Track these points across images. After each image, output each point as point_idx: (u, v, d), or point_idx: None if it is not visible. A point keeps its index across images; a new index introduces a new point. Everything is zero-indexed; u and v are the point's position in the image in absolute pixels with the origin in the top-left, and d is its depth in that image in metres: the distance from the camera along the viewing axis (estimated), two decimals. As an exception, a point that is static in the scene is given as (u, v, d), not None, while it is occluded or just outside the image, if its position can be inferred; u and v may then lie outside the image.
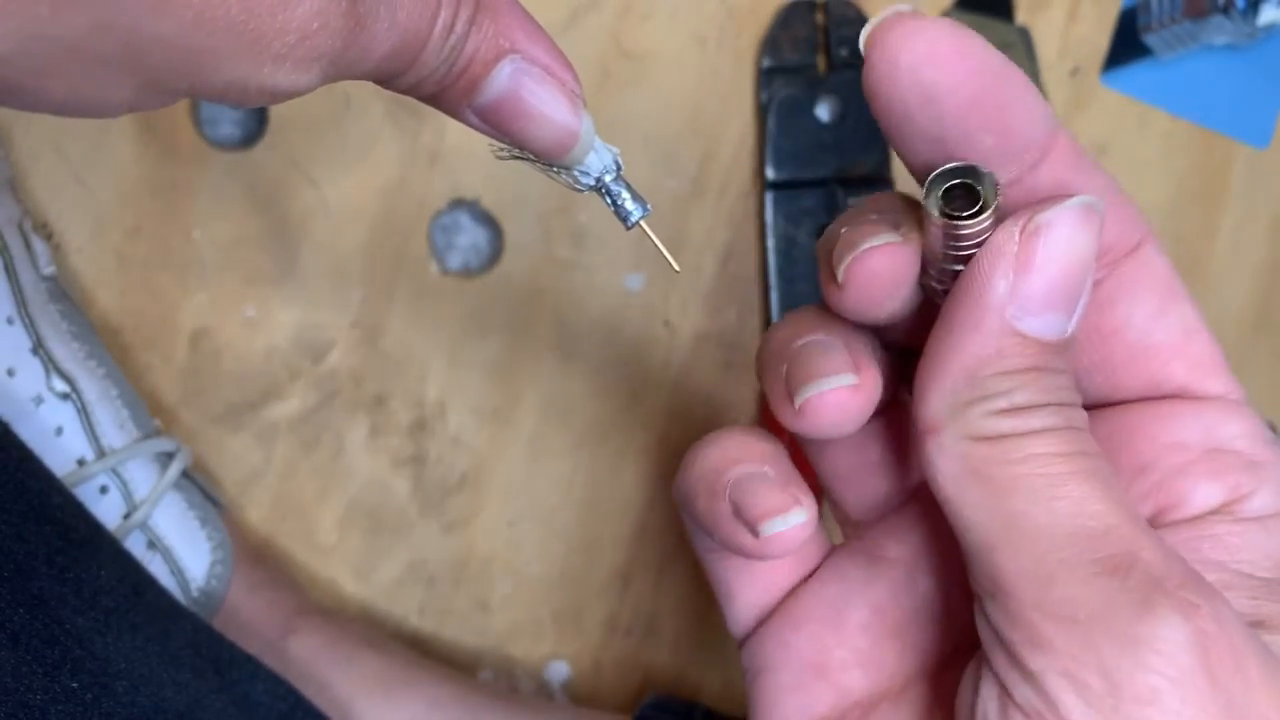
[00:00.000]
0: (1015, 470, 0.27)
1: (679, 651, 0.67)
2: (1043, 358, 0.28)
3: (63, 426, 0.56)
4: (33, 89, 0.24)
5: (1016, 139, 0.28)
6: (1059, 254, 0.27)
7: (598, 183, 0.33)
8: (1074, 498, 0.27)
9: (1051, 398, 0.28)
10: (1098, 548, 0.26)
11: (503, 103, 0.30)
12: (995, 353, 0.27)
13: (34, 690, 0.42)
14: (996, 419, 0.28)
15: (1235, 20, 0.63)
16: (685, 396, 0.66)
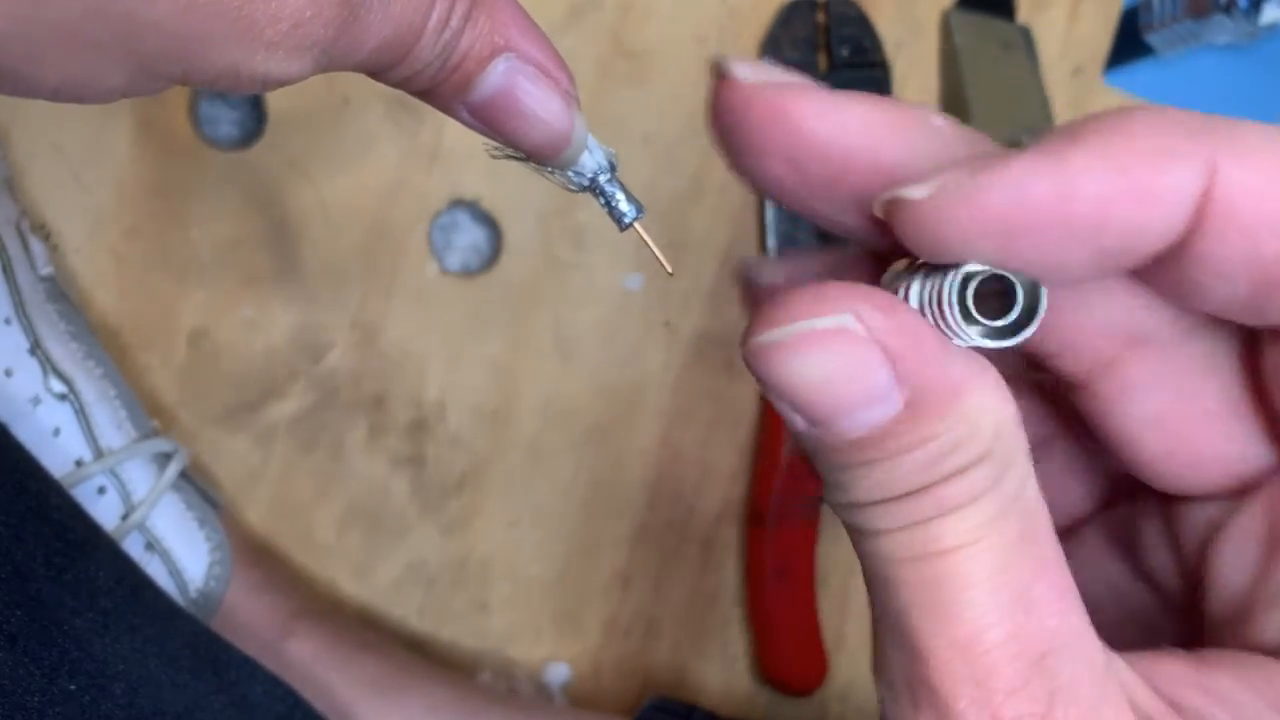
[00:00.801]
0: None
1: (679, 653, 0.67)
2: (850, 456, 0.23)
3: (60, 427, 0.56)
4: (26, 74, 0.24)
5: None
6: (783, 390, 0.23)
7: (591, 183, 0.32)
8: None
9: (889, 488, 0.23)
10: None
11: (496, 101, 0.30)
12: (821, 462, 0.24)
13: (32, 692, 0.42)
14: (858, 519, 0.24)
15: (1237, 19, 0.62)
16: (685, 396, 0.66)
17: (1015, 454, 0.23)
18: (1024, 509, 0.23)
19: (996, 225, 0.22)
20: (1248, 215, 0.21)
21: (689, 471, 0.67)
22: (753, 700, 0.68)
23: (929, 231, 0.22)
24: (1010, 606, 0.22)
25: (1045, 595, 0.22)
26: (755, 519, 0.65)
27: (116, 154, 0.63)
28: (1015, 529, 0.22)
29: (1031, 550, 0.23)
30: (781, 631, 0.65)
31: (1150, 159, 0.21)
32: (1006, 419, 0.23)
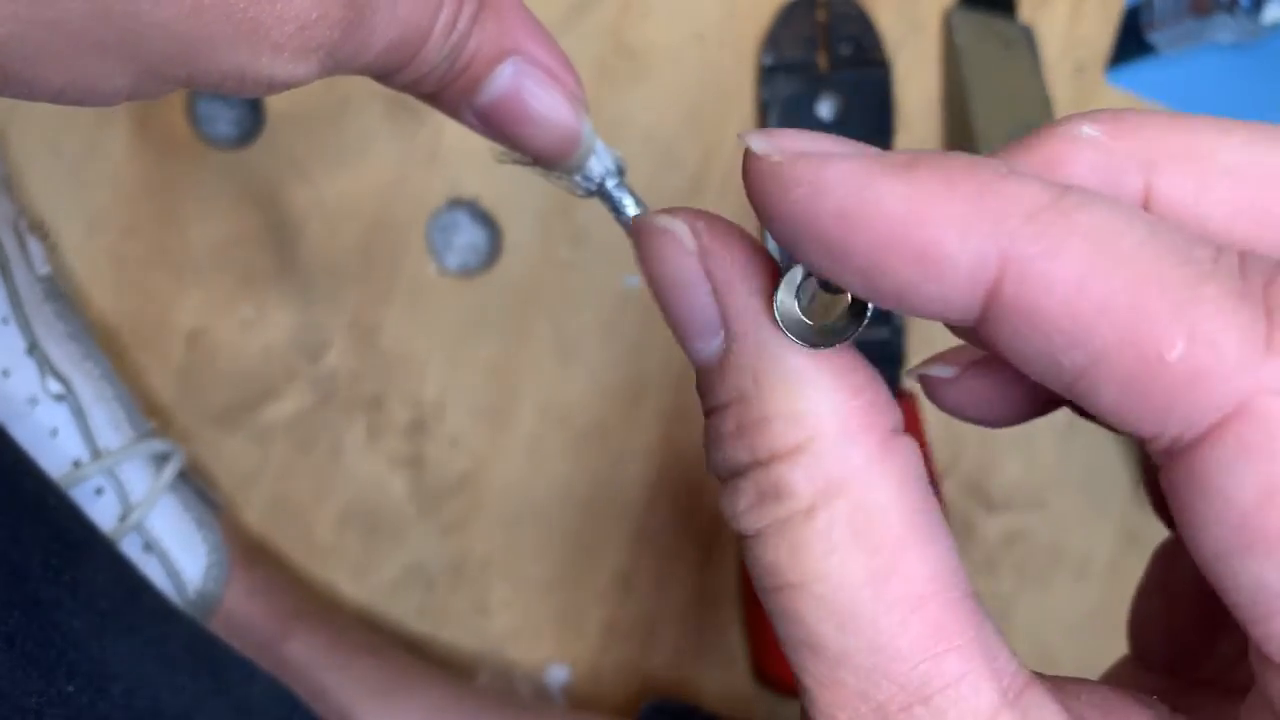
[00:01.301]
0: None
1: (679, 655, 0.67)
2: (703, 393, 0.24)
3: (58, 428, 0.56)
4: (29, 76, 0.24)
5: None
6: (647, 277, 0.24)
7: (599, 188, 0.32)
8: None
9: (727, 462, 0.24)
10: None
11: (503, 104, 0.30)
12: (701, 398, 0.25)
13: (29, 693, 0.42)
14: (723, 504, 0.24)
15: (1239, 18, 0.62)
16: (685, 397, 0.66)
17: (859, 462, 0.22)
18: (876, 533, 0.22)
19: (795, 214, 0.21)
20: (1038, 314, 0.20)
21: (689, 472, 0.66)
22: (752, 702, 0.67)
23: (757, 195, 0.22)
24: (867, 651, 0.22)
25: (909, 639, 0.22)
26: (756, 520, 0.65)
27: (114, 153, 0.63)
28: (862, 560, 0.22)
29: (890, 585, 0.22)
30: (782, 633, 0.65)
31: (941, 226, 0.20)
32: (848, 407, 0.22)
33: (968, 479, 0.68)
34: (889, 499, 0.22)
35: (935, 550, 0.22)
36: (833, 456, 0.22)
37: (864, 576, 0.22)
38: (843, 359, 0.23)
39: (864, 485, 0.22)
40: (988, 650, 0.22)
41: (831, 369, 0.23)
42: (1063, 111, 0.67)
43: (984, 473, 0.68)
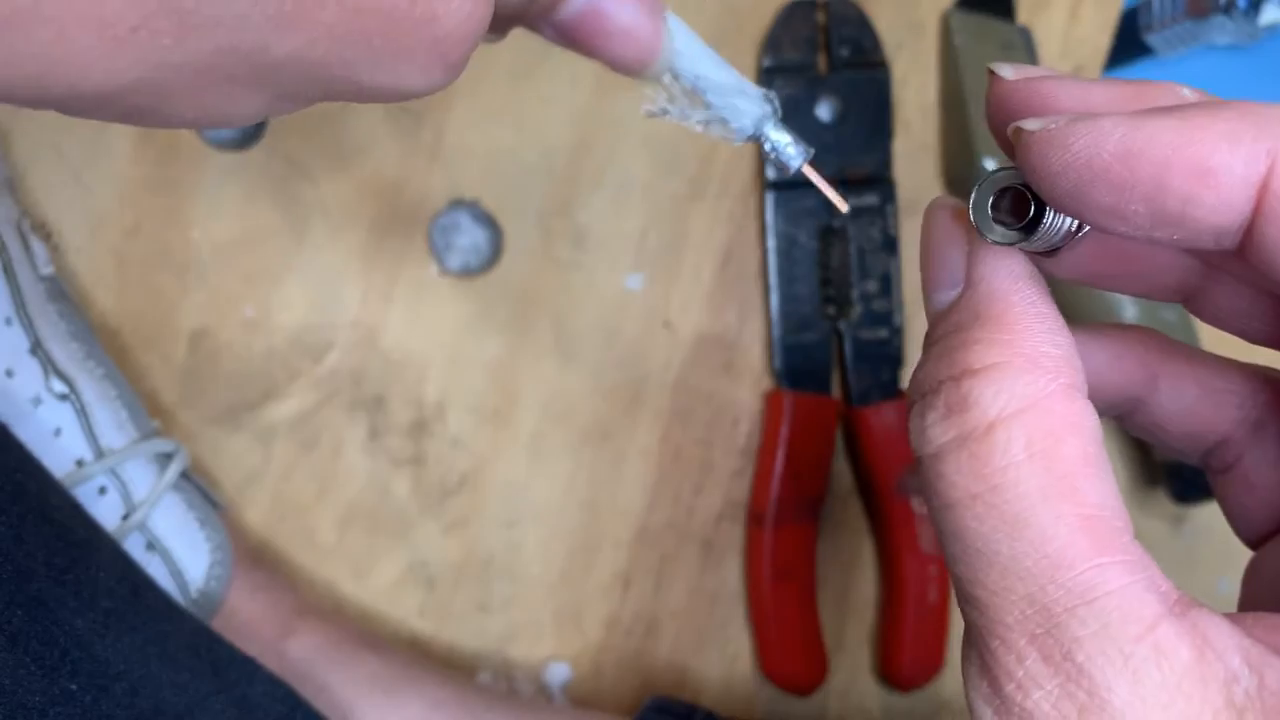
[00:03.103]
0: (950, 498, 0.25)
1: (679, 653, 0.67)
2: (930, 330, 0.28)
3: (61, 427, 0.56)
4: (163, 110, 0.23)
5: None
6: (921, 245, 0.28)
7: (756, 133, 0.32)
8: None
9: (933, 376, 0.26)
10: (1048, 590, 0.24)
11: (583, 17, 0.30)
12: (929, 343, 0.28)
13: (33, 692, 0.42)
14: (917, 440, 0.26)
15: (1237, 20, 0.62)
16: (685, 396, 0.66)
17: (1046, 392, 0.24)
18: (1052, 458, 0.24)
19: (1078, 165, 0.24)
20: None
21: (689, 471, 0.67)
22: (752, 700, 0.68)
23: (1033, 160, 0.25)
24: (1034, 563, 0.24)
25: (1077, 551, 0.24)
26: (755, 519, 0.66)
27: (117, 154, 0.63)
28: (1040, 479, 0.24)
29: (1059, 503, 0.24)
30: (782, 631, 0.65)
31: (1214, 141, 0.23)
32: (1043, 348, 0.25)
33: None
34: (1068, 432, 0.24)
35: (1104, 484, 0.24)
36: (1023, 380, 0.24)
37: (1038, 491, 0.24)
38: (1047, 316, 0.26)
39: (1046, 412, 0.24)
40: (1150, 570, 0.24)
41: (1035, 317, 0.26)
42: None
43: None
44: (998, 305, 0.26)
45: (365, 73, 0.24)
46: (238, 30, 0.22)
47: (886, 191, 0.65)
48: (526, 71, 0.65)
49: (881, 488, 0.66)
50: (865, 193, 0.65)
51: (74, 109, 0.22)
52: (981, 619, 0.24)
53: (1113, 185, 0.24)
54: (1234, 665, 0.23)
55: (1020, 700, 0.23)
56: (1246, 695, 0.23)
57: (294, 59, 0.23)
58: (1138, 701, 0.23)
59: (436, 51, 0.25)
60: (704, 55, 0.32)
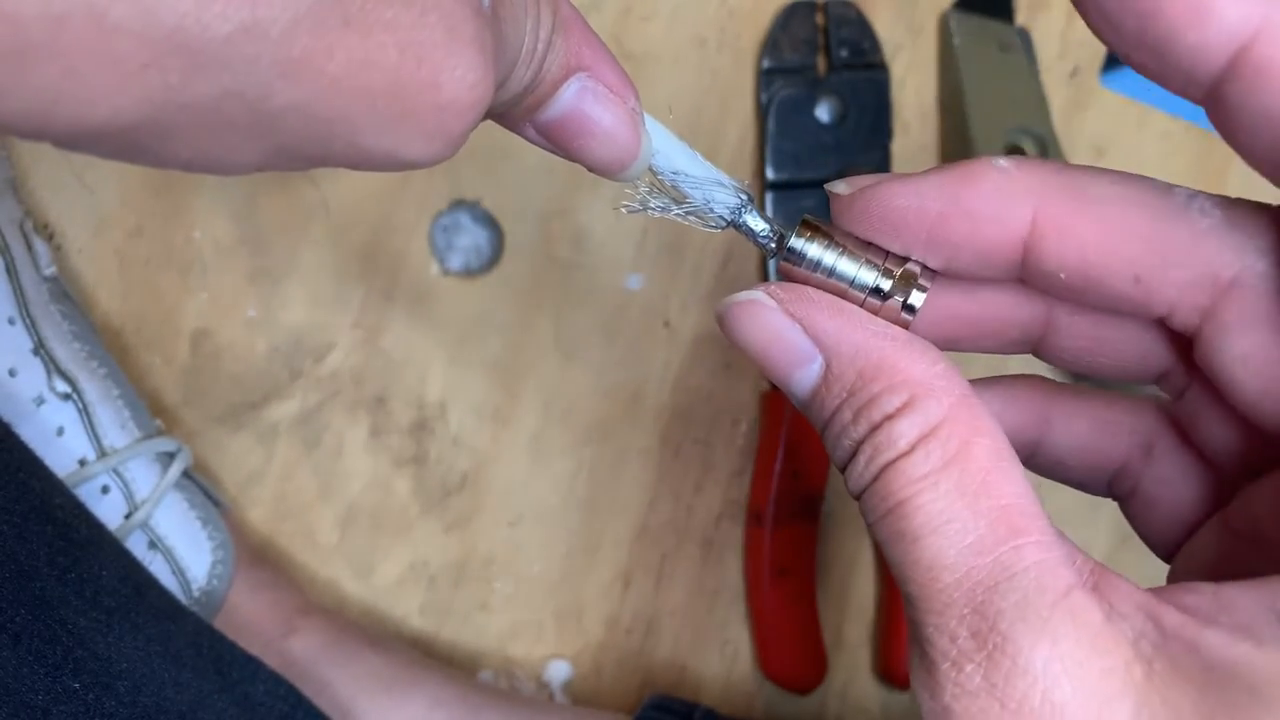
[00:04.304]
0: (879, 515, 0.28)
1: (679, 652, 0.67)
2: (813, 417, 0.30)
3: (64, 427, 0.56)
4: (158, 150, 0.23)
5: None
6: (742, 349, 0.30)
7: (733, 220, 0.33)
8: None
9: (846, 447, 0.28)
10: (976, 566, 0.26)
11: (566, 120, 0.30)
12: (813, 421, 0.30)
13: (36, 690, 0.42)
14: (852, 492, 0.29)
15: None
16: (685, 396, 0.67)
17: (943, 405, 0.27)
18: (964, 460, 0.27)
19: (868, 219, 0.30)
20: (1058, 259, 0.29)
21: (689, 471, 0.67)
22: (752, 698, 0.68)
23: (843, 215, 0.31)
24: (958, 549, 0.26)
25: (994, 536, 0.26)
26: (755, 518, 0.66)
27: (120, 155, 0.63)
28: (953, 480, 0.27)
29: (975, 498, 0.27)
30: (781, 630, 0.66)
31: (982, 199, 0.29)
32: (928, 370, 0.28)
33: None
34: (974, 436, 0.27)
35: (1014, 477, 0.27)
36: (928, 408, 0.27)
37: (956, 490, 0.26)
38: (917, 346, 0.29)
39: (953, 423, 0.27)
40: (1065, 548, 0.27)
41: (911, 353, 0.28)
42: (1059, 114, 0.67)
43: (981, 472, 0.68)
44: (871, 357, 0.28)
45: (367, 134, 0.24)
46: (244, 74, 0.22)
47: (885, 192, 0.65)
48: (527, 72, 0.65)
49: (881, 487, 0.66)
50: (864, 193, 0.65)
51: (72, 144, 0.22)
52: (917, 612, 0.26)
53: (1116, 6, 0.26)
54: (1139, 622, 0.25)
55: (954, 676, 0.26)
56: (1153, 646, 0.25)
57: (297, 109, 0.23)
58: (1056, 661, 0.25)
59: (438, 120, 0.25)
60: (679, 151, 0.33)
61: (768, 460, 0.65)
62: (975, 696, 0.25)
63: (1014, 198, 0.29)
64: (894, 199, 0.29)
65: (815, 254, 0.31)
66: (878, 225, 0.30)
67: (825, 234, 0.32)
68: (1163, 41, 0.25)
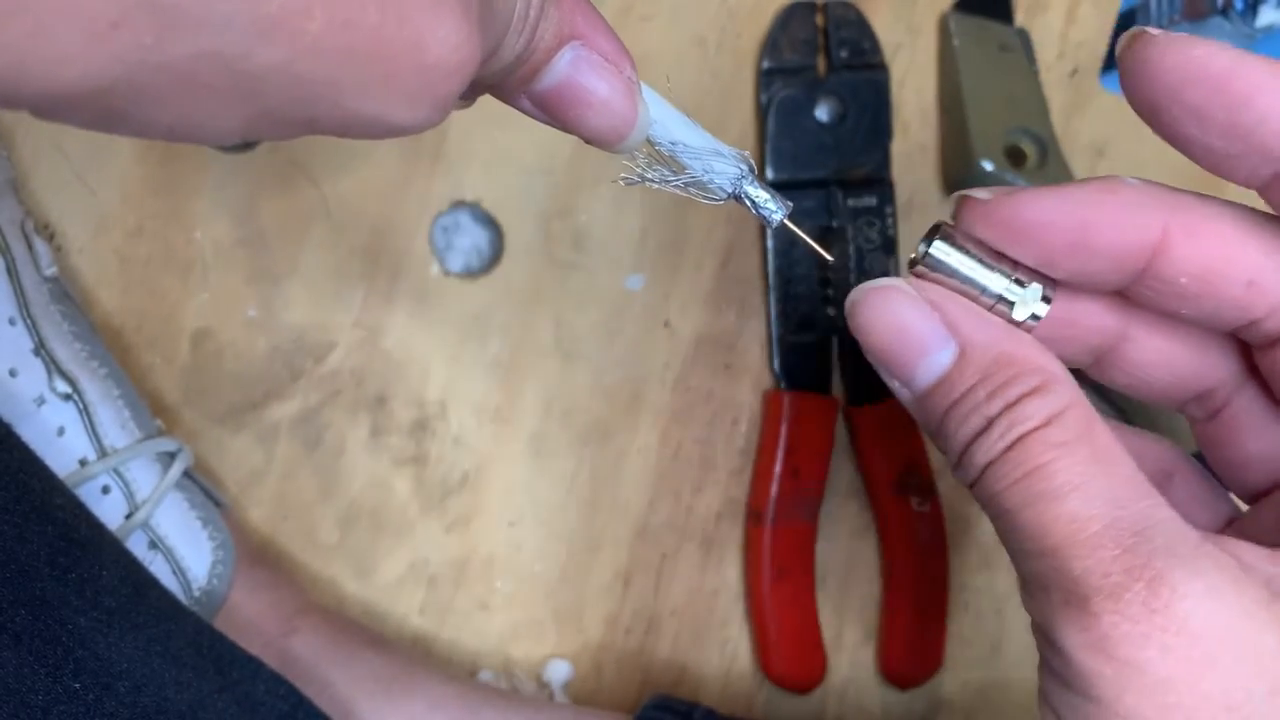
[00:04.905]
0: (994, 508, 0.31)
1: (679, 651, 0.67)
2: (930, 404, 0.32)
3: (64, 427, 0.56)
4: (136, 116, 0.23)
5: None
6: (868, 336, 0.32)
7: (735, 191, 0.33)
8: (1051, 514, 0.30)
9: (975, 424, 0.31)
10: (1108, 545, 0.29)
11: (561, 90, 0.30)
12: (924, 425, 0.33)
13: (36, 691, 0.42)
14: (960, 471, 0.32)
15: (1234, 22, 0.63)
16: (685, 396, 0.67)
17: (1071, 392, 0.31)
18: (1092, 436, 0.30)
19: (1008, 227, 0.32)
20: (1184, 264, 0.31)
21: (689, 471, 0.67)
22: (752, 698, 0.68)
23: (980, 222, 0.32)
24: (1102, 502, 0.29)
25: (1129, 495, 0.29)
26: (755, 518, 0.66)
27: (120, 155, 0.64)
28: (1087, 450, 0.29)
29: (1107, 465, 0.29)
30: (781, 629, 0.66)
31: (1124, 209, 0.31)
32: (1053, 364, 0.31)
33: (965, 478, 0.68)
34: (1096, 421, 0.30)
35: (1128, 458, 0.30)
36: (1061, 391, 0.30)
37: (1090, 456, 0.29)
38: (1039, 345, 0.32)
39: (1083, 408, 0.30)
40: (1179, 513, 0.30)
41: (1038, 348, 0.32)
42: (1058, 115, 0.67)
43: (981, 472, 0.68)
44: (1005, 346, 0.31)
45: (351, 97, 0.24)
46: (220, 33, 0.21)
47: (885, 192, 0.66)
48: (527, 73, 0.65)
49: (880, 486, 0.66)
50: (864, 194, 0.65)
51: (47, 110, 0.22)
52: (1060, 559, 0.29)
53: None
54: (1266, 568, 0.29)
55: (1112, 607, 0.28)
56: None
57: (277, 71, 0.22)
58: (1210, 591, 0.28)
59: (424, 82, 0.24)
60: (678, 121, 0.33)
61: (767, 460, 0.65)
62: (1136, 621, 0.28)
63: (1150, 208, 0.31)
64: (1040, 207, 0.31)
65: (953, 262, 0.33)
66: (1017, 234, 0.32)
67: (959, 243, 0.33)
68: (1249, 128, 0.29)
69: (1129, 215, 0.31)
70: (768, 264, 0.66)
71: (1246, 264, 0.31)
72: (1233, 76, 0.29)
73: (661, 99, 0.32)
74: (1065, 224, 0.31)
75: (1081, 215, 0.31)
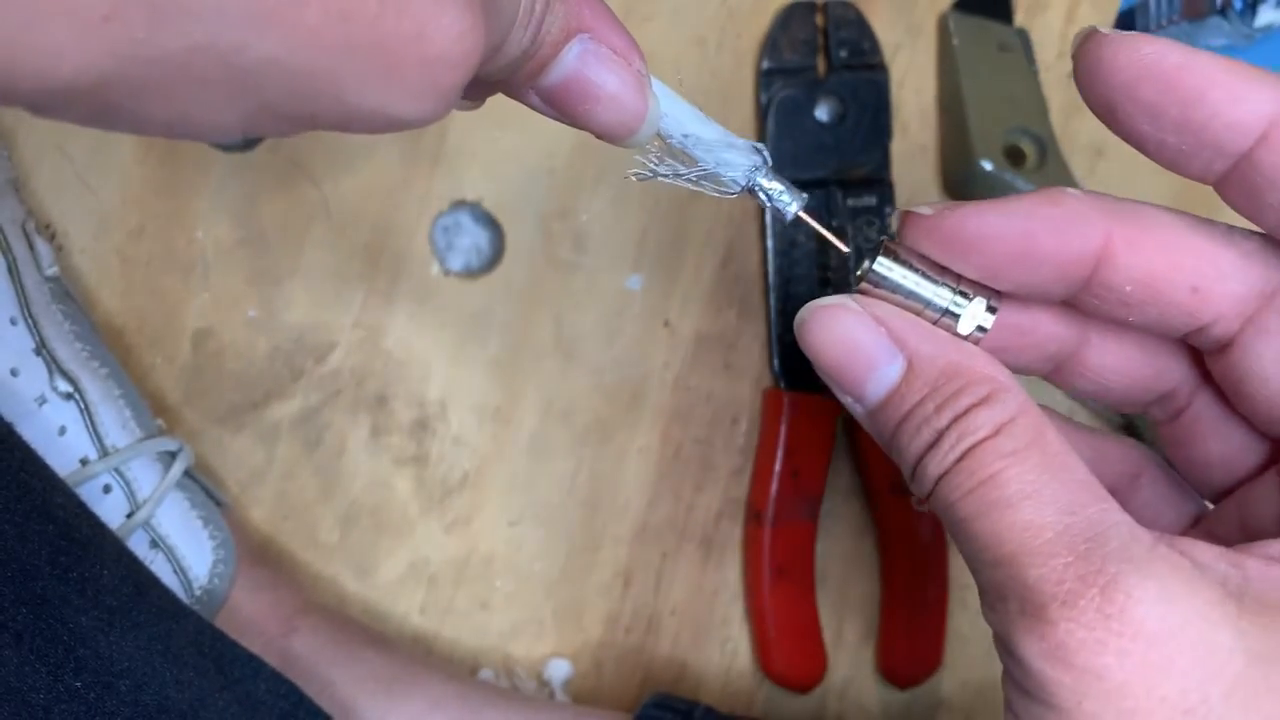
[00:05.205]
0: (949, 519, 0.31)
1: (679, 650, 0.67)
2: (882, 418, 0.33)
3: (66, 426, 0.56)
4: (132, 110, 0.22)
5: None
6: (817, 353, 0.33)
7: (748, 183, 0.33)
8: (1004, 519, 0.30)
9: (926, 437, 0.31)
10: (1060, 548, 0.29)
11: (569, 84, 0.30)
12: (878, 439, 0.33)
13: (37, 690, 0.42)
14: (915, 485, 0.32)
15: (1233, 22, 0.63)
16: (685, 396, 0.67)
17: (1020, 400, 0.31)
18: (1043, 444, 0.30)
19: (952, 242, 0.32)
20: (1128, 272, 0.32)
21: (689, 470, 0.67)
22: (752, 697, 0.68)
23: (924, 237, 0.33)
24: (1054, 509, 0.29)
25: (1081, 500, 0.29)
26: (755, 517, 0.66)
27: (121, 156, 0.64)
28: (1037, 457, 0.30)
29: (1059, 471, 0.30)
30: (781, 629, 0.66)
31: (1066, 220, 0.32)
32: (1001, 373, 0.31)
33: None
34: (1046, 427, 0.31)
35: (1080, 463, 0.30)
36: (1009, 400, 0.31)
37: (1040, 464, 0.30)
38: (986, 355, 0.32)
39: (1027, 416, 0.31)
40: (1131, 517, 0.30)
41: (984, 358, 0.32)
42: (1057, 115, 0.67)
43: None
44: (951, 358, 0.32)
45: (351, 91, 0.23)
46: (214, 25, 0.21)
47: (884, 193, 0.66)
48: (527, 73, 0.65)
49: (880, 486, 0.66)
50: (863, 194, 0.65)
51: (42, 105, 0.22)
52: (1016, 567, 0.29)
53: (1149, 102, 0.32)
54: (1222, 568, 0.29)
55: (1068, 614, 0.28)
56: (1239, 586, 0.29)
57: (274, 63, 0.22)
58: (1163, 594, 0.28)
59: (426, 74, 0.24)
60: (689, 114, 0.32)
61: (767, 460, 0.65)
62: (1091, 628, 0.28)
63: (1091, 218, 0.32)
64: (983, 221, 0.32)
65: (896, 277, 0.33)
66: (961, 247, 0.32)
67: (903, 258, 0.33)
68: (1201, 123, 0.30)
69: (1071, 226, 0.32)
70: (768, 264, 0.66)
71: (1189, 270, 0.32)
72: (1183, 73, 0.30)
73: (672, 92, 0.32)
74: (1008, 236, 0.31)
75: (1024, 227, 0.32)
